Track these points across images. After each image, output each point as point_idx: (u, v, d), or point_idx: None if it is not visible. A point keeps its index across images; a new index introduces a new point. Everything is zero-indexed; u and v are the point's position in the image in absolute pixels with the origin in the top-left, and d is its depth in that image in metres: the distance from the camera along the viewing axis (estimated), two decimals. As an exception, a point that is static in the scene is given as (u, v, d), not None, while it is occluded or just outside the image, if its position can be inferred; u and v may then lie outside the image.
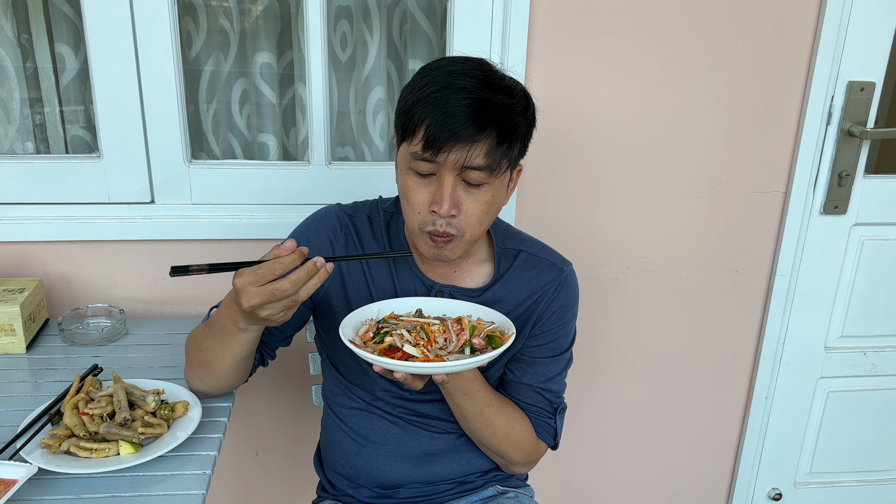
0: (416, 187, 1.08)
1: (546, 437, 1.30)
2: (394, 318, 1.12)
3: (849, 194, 1.77)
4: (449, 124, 1.01)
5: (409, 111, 1.06)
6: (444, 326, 1.09)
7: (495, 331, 1.10)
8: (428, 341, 1.06)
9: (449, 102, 1.02)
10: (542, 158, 1.66)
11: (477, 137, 1.02)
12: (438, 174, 1.06)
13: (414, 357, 1.03)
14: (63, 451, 1.08)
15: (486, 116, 1.02)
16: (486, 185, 1.07)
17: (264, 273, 0.97)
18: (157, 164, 1.59)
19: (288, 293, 0.97)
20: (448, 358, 1.04)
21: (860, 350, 1.95)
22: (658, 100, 1.65)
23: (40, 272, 1.60)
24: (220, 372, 1.18)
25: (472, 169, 1.04)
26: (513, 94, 1.06)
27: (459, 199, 1.07)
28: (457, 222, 1.09)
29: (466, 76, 1.04)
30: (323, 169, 1.64)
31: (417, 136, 1.04)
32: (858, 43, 1.65)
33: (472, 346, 1.07)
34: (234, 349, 1.13)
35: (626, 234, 1.76)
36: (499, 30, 1.56)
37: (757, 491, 2.08)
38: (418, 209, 1.09)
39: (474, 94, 1.02)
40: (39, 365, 1.40)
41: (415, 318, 1.12)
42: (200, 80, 1.68)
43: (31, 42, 1.61)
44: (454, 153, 1.03)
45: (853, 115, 1.70)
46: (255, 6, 1.67)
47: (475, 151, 1.03)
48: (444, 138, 1.02)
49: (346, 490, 1.35)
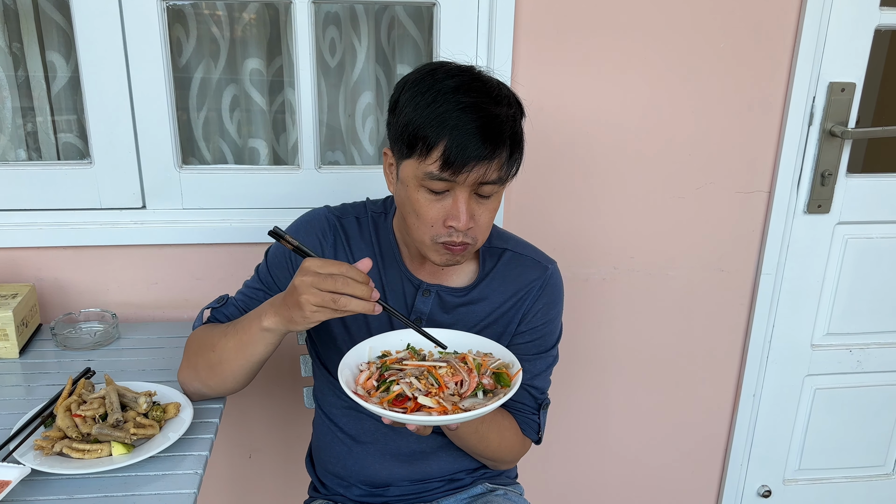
0: (429, 204, 1.10)
1: (530, 433, 1.32)
2: (396, 363, 1.10)
3: (832, 193, 1.80)
4: (466, 146, 1.03)
5: (416, 131, 1.06)
6: (451, 369, 1.07)
7: (500, 367, 1.10)
8: (439, 388, 1.04)
9: (461, 125, 1.03)
10: (528, 160, 1.66)
11: (495, 155, 1.05)
12: (453, 191, 1.08)
13: (429, 407, 1.00)
14: (56, 452, 1.09)
15: (499, 134, 1.05)
16: (495, 194, 1.11)
17: (331, 284, 0.99)
18: (148, 170, 1.60)
19: (337, 291, 0.98)
20: (463, 404, 1.02)
21: (846, 347, 1.97)
22: (642, 102, 1.67)
23: (33, 278, 1.62)
24: (228, 374, 1.18)
25: (488, 184, 1.07)
26: (511, 104, 1.09)
27: (473, 212, 1.10)
28: (472, 232, 1.11)
29: (469, 93, 1.05)
30: (313, 173, 1.66)
31: (432, 157, 1.05)
32: (838, 44, 1.68)
33: (484, 388, 1.06)
34: (251, 350, 1.13)
35: (613, 235, 1.78)
36: (484, 34, 1.58)
37: (746, 488, 2.09)
38: (431, 223, 1.11)
39: (483, 112, 1.04)
40: (32, 369, 1.41)
41: (421, 363, 1.09)
42: (191, 86, 1.70)
43: (23, 50, 1.62)
44: (474, 173, 1.05)
45: (834, 115, 1.72)
46: (245, 13, 1.69)
47: (492, 167, 1.06)
48: (462, 160, 1.04)
49: (337, 489, 1.36)
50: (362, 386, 1.07)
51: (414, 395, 1.01)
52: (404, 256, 1.25)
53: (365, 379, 1.08)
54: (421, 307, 1.24)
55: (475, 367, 1.07)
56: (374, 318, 1.24)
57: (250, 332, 1.12)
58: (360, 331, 1.25)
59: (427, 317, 1.24)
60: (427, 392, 1.02)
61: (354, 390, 1.05)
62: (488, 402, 1.02)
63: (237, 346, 1.14)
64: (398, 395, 1.02)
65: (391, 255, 1.25)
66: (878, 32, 1.69)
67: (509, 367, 1.10)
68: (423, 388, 1.03)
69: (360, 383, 1.08)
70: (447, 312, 1.25)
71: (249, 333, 1.12)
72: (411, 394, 1.02)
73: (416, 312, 1.24)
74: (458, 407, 1.01)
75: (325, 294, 0.98)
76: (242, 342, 1.13)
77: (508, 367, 1.10)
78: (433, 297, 1.24)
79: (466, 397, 1.04)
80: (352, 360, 1.12)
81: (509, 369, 1.10)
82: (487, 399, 1.04)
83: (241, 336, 1.13)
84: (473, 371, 1.06)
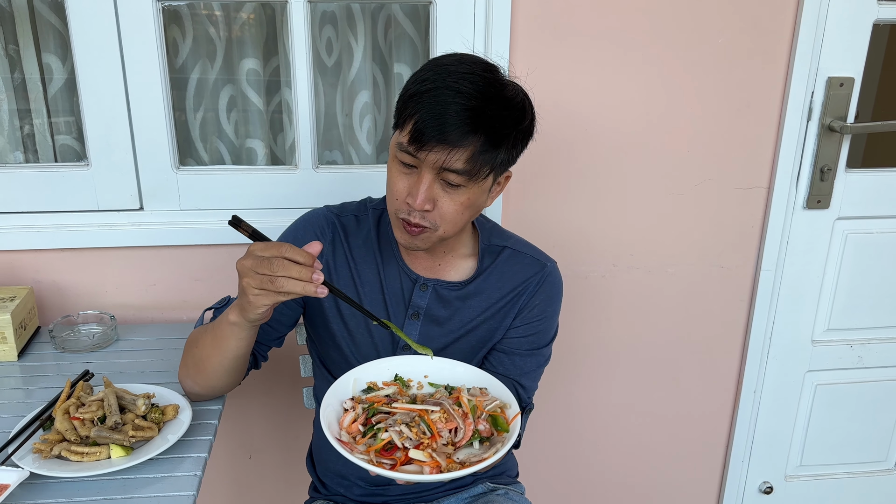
0: (399, 176, 1.11)
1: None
2: (384, 404, 1.04)
3: (831, 189, 1.79)
4: (435, 125, 1.02)
5: (405, 101, 1.08)
6: (445, 414, 1.01)
7: (496, 408, 1.05)
8: (432, 437, 0.97)
9: (441, 103, 1.03)
10: (527, 158, 1.66)
11: (460, 143, 1.03)
12: (419, 168, 1.08)
13: (420, 461, 0.94)
14: (54, 455, 1.09)
15: (473, 124, 1.03)
16: (464, 187, 1.09)
17: (268, 266, 0.97)
18: (145, 171, 1.60)
19: (273, 273, 0.96)
20: (457, 457, 0.96)
21: (846, 343, 1.97)
22: (641, 98, 1.67)
23: (31, 280, 1.61)
24: (209, 371, 1.18)
25: (451, 171, 1.06)
26: (509, 106, 1.07)
27: (436, 196, 1.09)
28: (430, 217, 1.11)
29: (466, 80, 1.04)
30: (310, 173, 1.66)
31: (406, 128, 1.06)
32: (837, 39, 1.67)
33: (480, 435, 1.01)
34: (225, 345, 1.13)
35: (612, 232, 1.78)
36: (481, 32, 1.58)
37: (748, 485, 2.09)
38: (396, 196, 1.12)
39: (468, 101, 1.03)
40: (31, 372, 1.41)
41: (412, 408, 1.03)
42: (187, 87, 1.69)
43: (19, 53, 1.62)
44: (434, 154, 1.04)
45: (833, 110, 1.72)
46: (241, 13, 1.69)
47: (455, 156, 1.04)
48: (427, 137, 1.03)
49: (337, 489, 1.36)
50: (347, 430, 1.01)
51: (404, 445, 0.96)
52: (402, 252, 1.26)
53: (350, 422, 1.02)
54: (418, 301, 1.24)
55: (470, 409, 1.02)
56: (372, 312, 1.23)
57: (221, 327, 1.12)
58: (358, 326, 1.25)
59: (424, 311, 1.25)
60: (419, 443, 0.97)
61: (338, 436, 1.00)
62: (484, 452, 0.98)
63: (213, 342, 1.15)
64: (386, 445, 0.96)
65: (389, 250, 1.26)
66: (877, 27, 1.69)
67: (506, 408, 1.06)
68: (415, 438, 0.97)
69: (345, 427, 1.02)
70: (444, 307, 1.25)
71: (221, 328, 1.12)
72: (401, 444, 0.96)
73: (413, 307, 1.24)
74: (452, 461, 0.96)
75: (263, 276, 0.97)
76: (217, 337, 1.14)
77: (506, 408, 1.06)
78: (430, 292, 1.24)
79: (461, 447, 0.99)
80: (334, 398, 1.06)
81: (506, 410, 1.05)
82: (483, 449, 0.99)
83: (216, 331, 1.14)
84: (468, 416, 1.01)
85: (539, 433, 1.93)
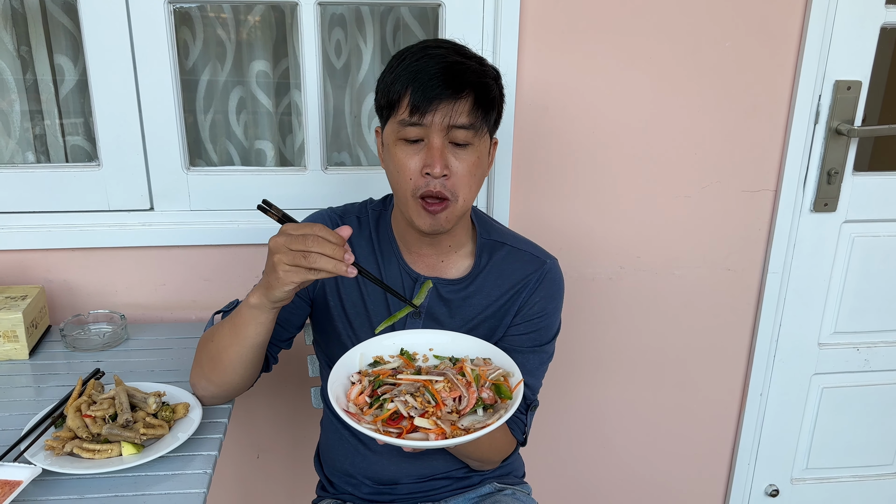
0: (407, 155, 1.13)
1: (516, 433, 1.31)
2: (390, 376, 1.06)
3: (838, 192, 1.80)
4: (430, 87, 1.08)
5: (388, 88, 1.13)
6: (448, 383, 1.03)
7: (500, 376, 1.06)
8: (436, 405, 1.00)
9: (425, 69, 1.09)
10: (534, 159, 1.68)
11: (457, 96, 1.09)
12: (427, 138, 1.11)
13: (425, 429, 0.97)
14: (66, 452, 1.10)
15: (461, 77, 1.09)
16: (472, 145, 1.13)
17: (302, 243, 0.99)
18: (155, 172, 1.61)
19: (308, 249, 0.98)
20: (462, 423, 0.99)
21: (853, 346, 1.97)
22: (648, 101, 1.67)
23: (42, 279, 1.63)
24: (226, 363, 1.18)
25: (458, 128, 1.10)
26: (484, 64, 1.15)
27: (448, 160, 1.12)
28: (449, 184, 1.13)
29: (438, 47, 1.13)
30: (319, 174, 1.67)
31: (402, 106, 1.11)
32: (844, 42, 1.67)
33: (484, 403, 1.02)
34: (244, 332, 1.13)
35: (619, 234, 1.78)
36: (490, 34, 1.59)
37: (754, 487, 2.09)
38: (410, 175, 1.13)
39: (447, 59, 1.10)
40: (42, 370, 1.42)
41: (416, 378, 1.05)
42: (198, 89, 1.70)
43: (31, 54, 1.63)
44: (439, 113, 1.09)
45: (840, 113, 1.72)
46: (251, 16, 1.70)
47: (458, 109, 1.09)
48: (427, 99, 1.08)
49: (345, 488, 1.37)
50: (354, 402, 1.04)
51: (410, 414, 0.98)
52: (402, 250, 1.27)
53: (357, 394, 1.05)
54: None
55: (473, 378, 1.04)
56: (375, 312, 1.25)
57: (241, 314, 1.13)
58: (362, 326, 1.26)
59: (425, 310, 1.26)
60: (423, 411, 0.99)
61: (346, 407, 1.02)
62: (488, 419, 0.99)
63: (231, 332, 1.15)
64: (393, 414, 0.99)
65: (390, 249, 1.27)
66: (884, 30, 1.69)
67: (509, 377, 1.07)
68: (420, 407, 1.00)
69: (352, 399, 1.05)
70: (444, 304, 1.26)
71: (240, 315, 1.13)
72: (407, 413, 0.99)
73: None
74: (456, 427, 0.98)
75: (296, 253, 0.99)
76: (235, 325, 1.14)
77: (509, 377, 1.07)
78: (431, 290, 1.25)
79: (465, 414, 1.01)
80: (342, 372, 1.09)
81: (510, 378, 1.06)
82: (487, 416, 1.01)
83: (234, 320, 1.15)
84: (472, 384, 1.03)
85: (546, 434, 1.94)
